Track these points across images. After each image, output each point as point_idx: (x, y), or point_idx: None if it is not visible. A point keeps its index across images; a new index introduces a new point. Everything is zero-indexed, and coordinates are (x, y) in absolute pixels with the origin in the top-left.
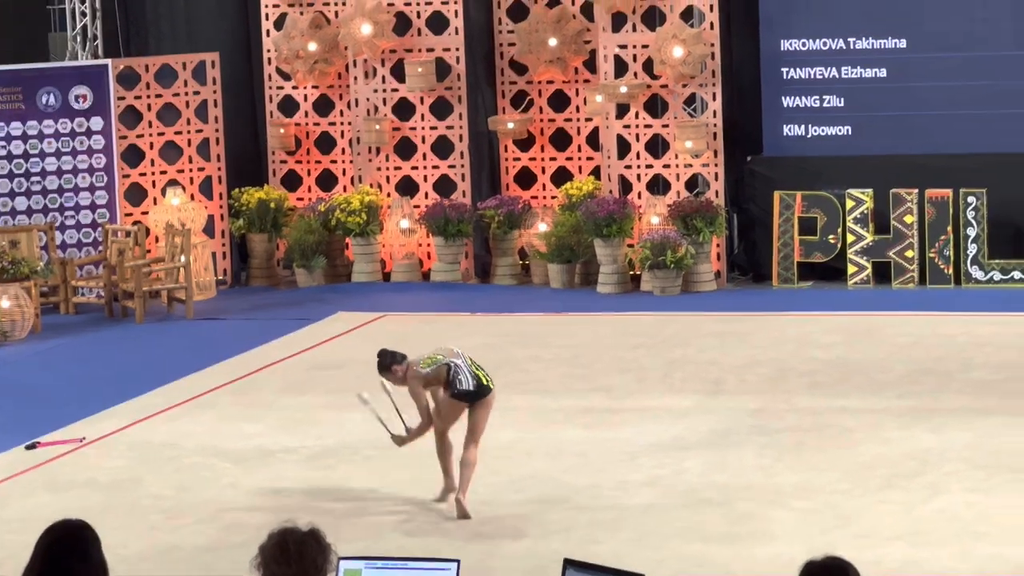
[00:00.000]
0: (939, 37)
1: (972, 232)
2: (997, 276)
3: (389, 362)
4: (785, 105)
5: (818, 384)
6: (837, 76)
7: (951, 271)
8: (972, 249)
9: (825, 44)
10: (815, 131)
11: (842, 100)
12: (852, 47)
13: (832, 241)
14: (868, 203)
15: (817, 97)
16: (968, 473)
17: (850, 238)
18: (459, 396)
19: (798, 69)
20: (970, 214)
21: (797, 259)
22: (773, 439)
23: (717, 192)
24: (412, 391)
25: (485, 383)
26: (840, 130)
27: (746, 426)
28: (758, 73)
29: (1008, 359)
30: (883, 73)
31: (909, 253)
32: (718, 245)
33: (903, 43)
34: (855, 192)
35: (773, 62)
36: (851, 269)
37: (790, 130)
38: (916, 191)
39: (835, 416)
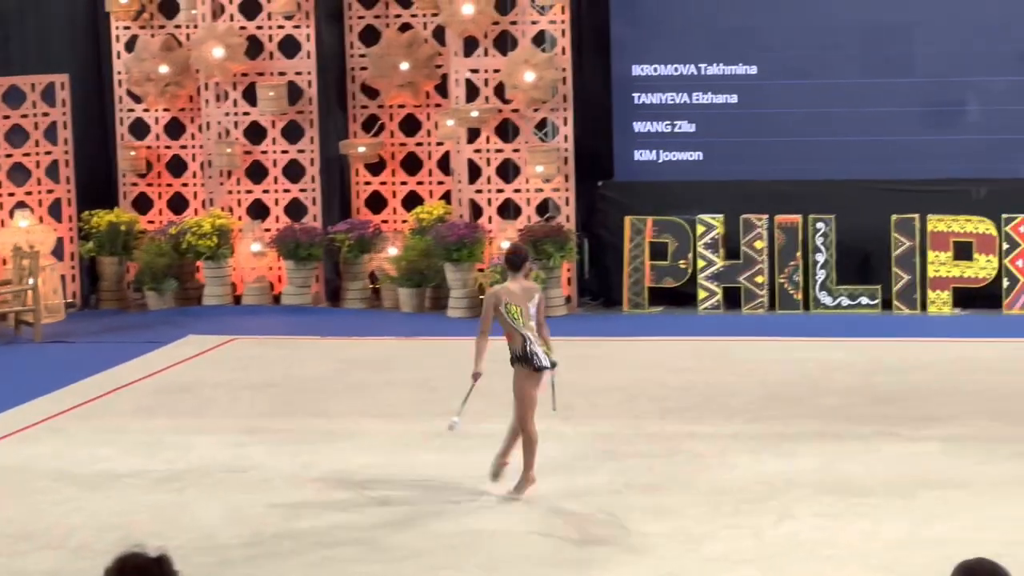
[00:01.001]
0: (789, 64)
1: (821, 258)
2: (845, 302)
3: (522, 262)
4: (636, 130)
5: (668, 409)
6: (688, 101)
7: (800, 296)
8: (821, 275)
9: (676, 70)
10: (666, 156)
11: (693, 126)
12: (703, 73)
13: (683, 266)
14: (719, 228)
15: (668, 122)
16: (816, 498)
17: (701, 263)
18: (538, 369)
19: (649, 94)
20: (819, 240)
21: (648, 284)
22: (624, 464)
23: (568, 217)
24: (488, 303)
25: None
26: (691, 155)
27: (597, 451)
28: (609, 98)
29: (855, 384)
30: (734, 99)
31: (759, 278)
32: (569, 270)
33: (754, 69)
34: (706, 217)
35: (624, 87)
36: (701, 294)
37: (641, 155)
38: (766, 217)
39: (685, 441)
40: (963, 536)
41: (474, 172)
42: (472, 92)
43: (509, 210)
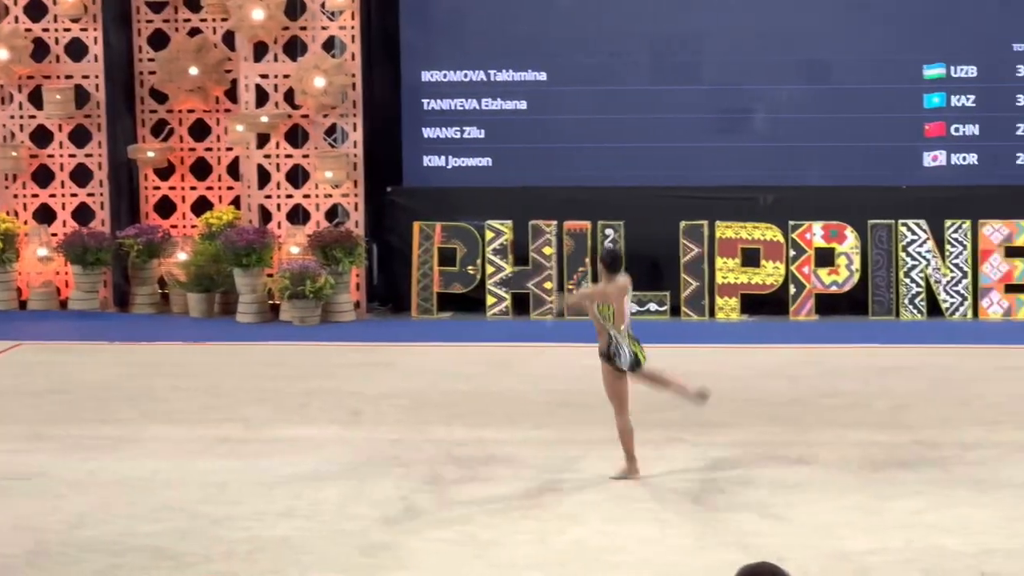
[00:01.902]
0: (578, 70)
1: None
2: (634, 308)
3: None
4: (425, 136)
5: (457, 415)
6: (478, 108)
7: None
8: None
9: (466, 76)
10: (455, 162)
11: (482, 131)
12: (492, 79)
13: (471, 272)
14: (507, 234)
15: (457, 128)
16: (603, 504)
17: (489, 269)
18: (617, 369)
19: (438, 100)
20: (608, 246)
21: (436, 289)
22: (411, 470)
23: (357, 222)
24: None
25: (640, 358)
26: (480, 161)
27: (384, 457)
28: (399, 104)
29: (641, 390)
30: (523, 105)
31: (548, 284)
32: (358, 275)
33: (543, 76)
34: (495, 223)
35: (414, 93)
36: (490, 300)
37: (430, 161)
38: (555, 223)
39: (472, 447)
40: (748, 541)
41: (264, 177)
42: (262, 97)
43: (298, 215)
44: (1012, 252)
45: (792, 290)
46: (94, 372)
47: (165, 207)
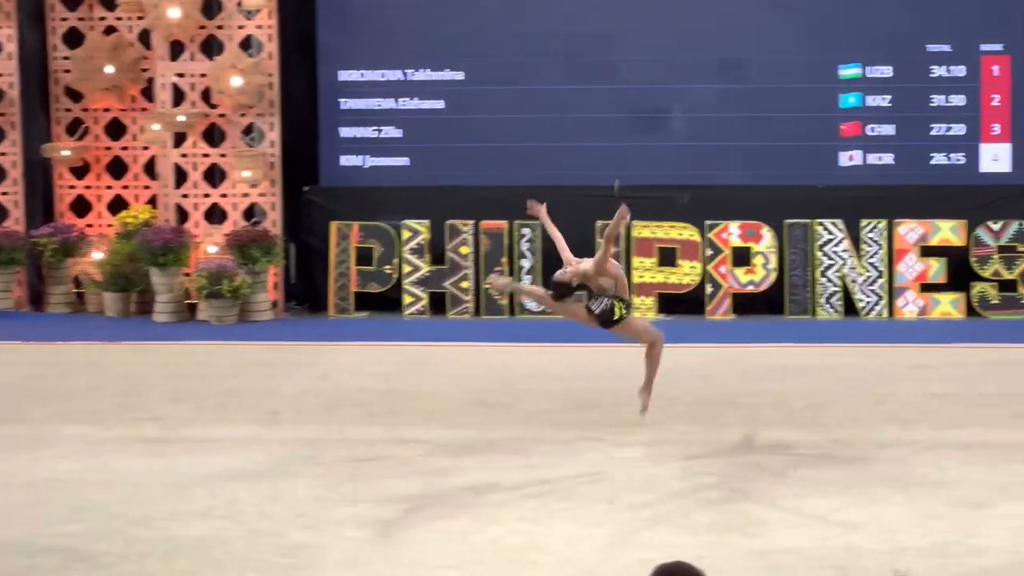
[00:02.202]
0: (496, 70)
1: (527, 263)
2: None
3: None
4: (343, 135)
5: (373, 414)
6: (395, 107)
7: (505, 302)
8: (527, 280)
9: (383, 75)
10: (373, 162)
11: (400, 131)
12: (410, 79)
13: (388, 271)
14: (425, 234)
15: (375, 128)
16: (520, 503)
17: (406, 268)
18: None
19: (356, 100)
20: (525, 245)
21: (354, 289)
22: (328, 469)
23: (274, 222)
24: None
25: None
26: (398, 161)
27: (301, 456)
28: (316, 103)
29: (559, 390)
30: (441, 105)
31: (465, 284)
32: (275, 275)
33: (460, 75)
34: (412, 223)
35: (331, 92)
36: (407, 299)
37: (348, 160)
38: (472, 222)
39: (389, 446)
40: (665, 540)
41: (180, 177)
42: (179, 96)
43: (216, 215)
44: (927, 252)
45: (709, 289)
46: (7, 372)
47: (81, 206)
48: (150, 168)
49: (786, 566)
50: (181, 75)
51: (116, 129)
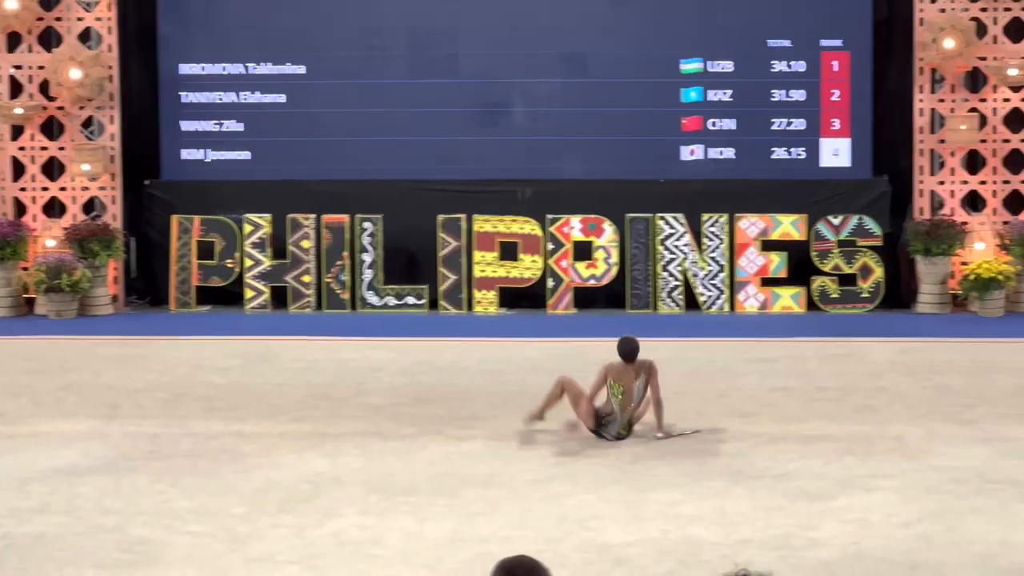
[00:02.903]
0: (337, 64)
1: (368, 258)
2: (392, 301)
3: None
4: (184, 129)
5: (215, 408)
6: (236, 101)
7: (347, 296)
8: (368, 274)
9: (224, 69)
10: (214, 156)
11: (241, 125)
12: (251, 72)
13: (230, 265)
14: (266, 228)
15: (216, 122)
16: (361, 496)
17: (248, 263)
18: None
19: (197, 93)
20: (366, 240)
21: (195, 283)
22: (169, 464)
23: (114, 216)
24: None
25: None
26: (239, 155)
27: (142, 451)
28: (156, 97)
29: (401, 384)
30: (282, 99)
31: (306, 278)
32: (115, 269)
33: (302, 69)
34: (253, 217)
35: (172, 86)
36: (249, 293)
37: (189, 154)
38: (314, 216)
39: (231, 440)
40: (506, 534)
41: (18, 170)
42: (16, 88)
43: (55, 209)
44: (768, 246)
45: (550, 284)
46: None
47: None
48: None
49: (628, 559)
50: (18, 67)
51: None
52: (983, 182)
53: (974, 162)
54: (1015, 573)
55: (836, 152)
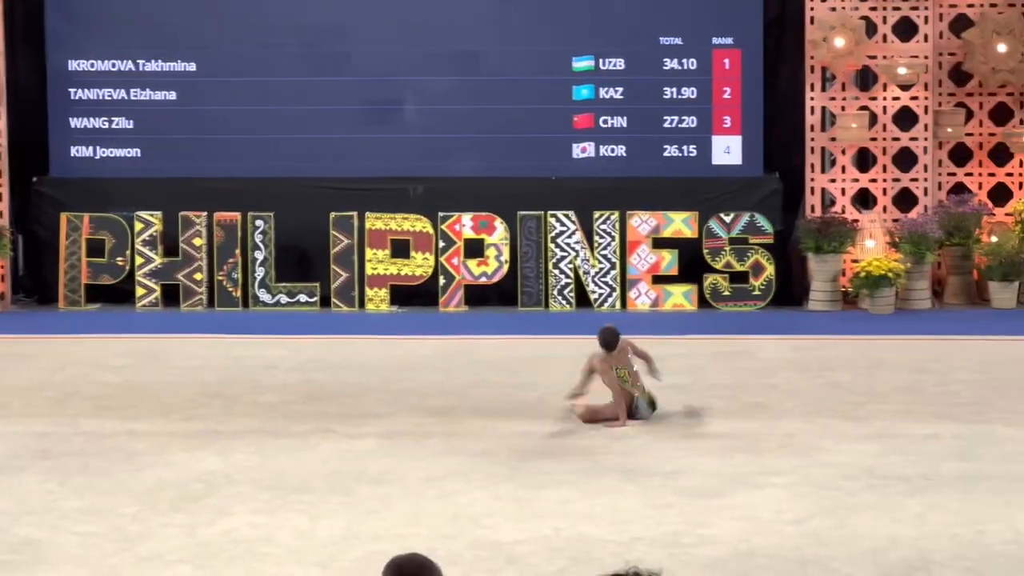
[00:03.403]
0: (229, 61)
1: (260, 255)
2: (284, 299)
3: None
4: (73, 126)
5: (105, 407)
6: (126, 98)
7: (239, 294)
8: (260, 272)
9: (114, 65)
10: (104, 153)
11: (131, 122)
12: (141, 69)
13: (120, 263)
14: (157, 225)
15: (106, 119)
16: (253, 495)
17: (139, 260)
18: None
19: (86, 90)
20: (258, 237)
21: (85, 281)
22: (58, 463)
23: (2, 213)
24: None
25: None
26: (129, 152)
27: (31, 450)
28: (44, 93)
29: (294, 381)
30: (173, 96)
31: (198, 275)
32: (2, 267)
33: (193, 66)
34: (144, 214)
35: (60, 82)
36: (140, 291)
37: (78, 151)
38: (205, 214)
39: (122, 439)
40: (398, 531)
41: None
42: None
43: None
44: (659, 243)
45: (442, 281)
46: None
47: None
48: None
49: (522, 556)
50: None
51: None
52: (873, 180)
53: (865, 160)
54: (904, 568)
55: (728, 150)
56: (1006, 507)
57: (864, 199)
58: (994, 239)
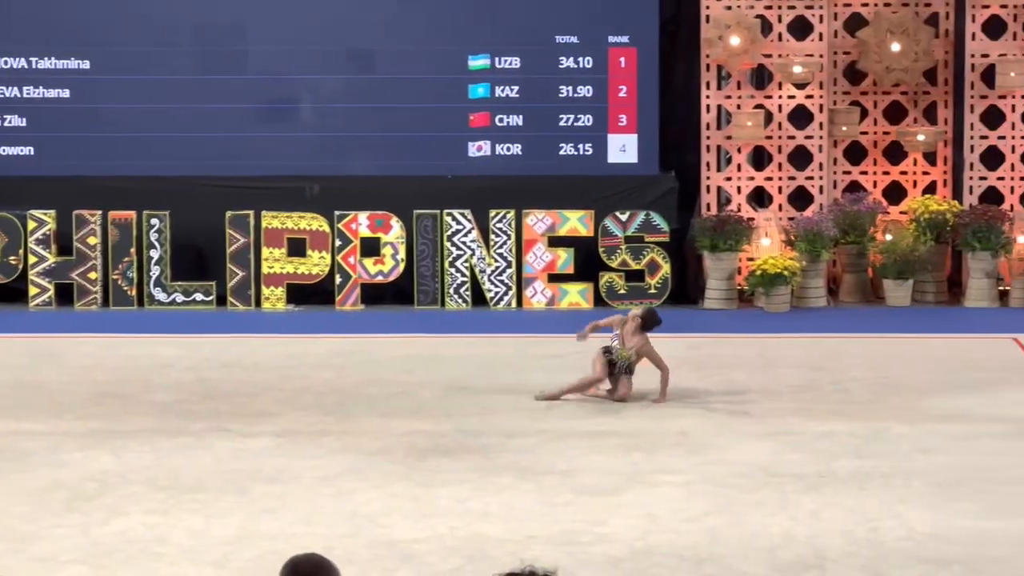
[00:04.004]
0: (123, 59)
1: (156, 254)
2: (180, 298)
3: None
4: None
5: None
6: (19, 95)
7: (134, 293)
8: (155, 271)
9: (6, 63)
10: None
11: (24, 120)
12: (35, 67)
13: (14, 262)
14: (51, 224)
15: None
16: (148, 494)
17: (32, 259)
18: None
19: None
20: (153, 236)
21: None
22: None
23: None
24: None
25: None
26: (23, 150)
27: None
28: None
29: (189, 380)
30: (66, 94)
31: (93, 275)
32: None
33: (87, 64)
34: (37, 213)
35: None
36: (33, 290)
37: None
38: (100, 212)
39: (14, 439)
40: (295, 530)
41: None
42: None
43: None
44: (555, 242)
45: (338, 280)
46: None
47: None
48: None
49: (417, 555)
50: None
51: None
52: (769, 178)
53: (760, 158)
54: (799, 565)
55: (623, 148)
56: (900, 504)
57: (759, 197)
58: (889, 237)
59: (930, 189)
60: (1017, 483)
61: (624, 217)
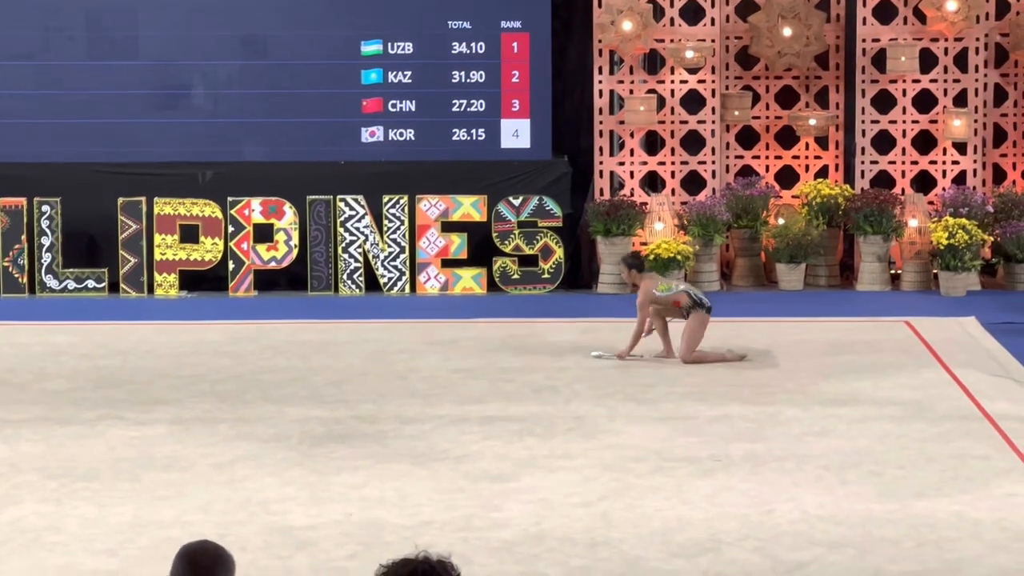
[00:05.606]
0: (11, 44)
1: (47, 241)
2: (72, 285)
3: (632, 263)
4: None
5: None
6: None
7: (25, 280)
8: (47, 258)
9: None
10: None
11: None
12: None
13: None
14: None
15: None
16: (40, 483)
17: None
18: (708, 311)
19: None
20: (44, 223)
21: None
22: None
23: None
24: (641, 302)
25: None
26: None
27: None
28: None
29: (81, 368)
30: None
31: None
32: None
33: None
34: None
35: None
36: None
37: None
38: None
39: None
40: (189, 518)
41: None
42: None
43: None
44: (448, 227)
45: (231, 266)
46: None
47: None
48: None
49: (313, 542)
50: None
51: None
52: (662, 163)
53: (653, 143)
54: (694, 548)
55: (516, 133)
56: (793, 487)
57: (652, 182)
58: (781, 221)
59: (822, 173)
60: (909, 466)
61: (517, 202)
